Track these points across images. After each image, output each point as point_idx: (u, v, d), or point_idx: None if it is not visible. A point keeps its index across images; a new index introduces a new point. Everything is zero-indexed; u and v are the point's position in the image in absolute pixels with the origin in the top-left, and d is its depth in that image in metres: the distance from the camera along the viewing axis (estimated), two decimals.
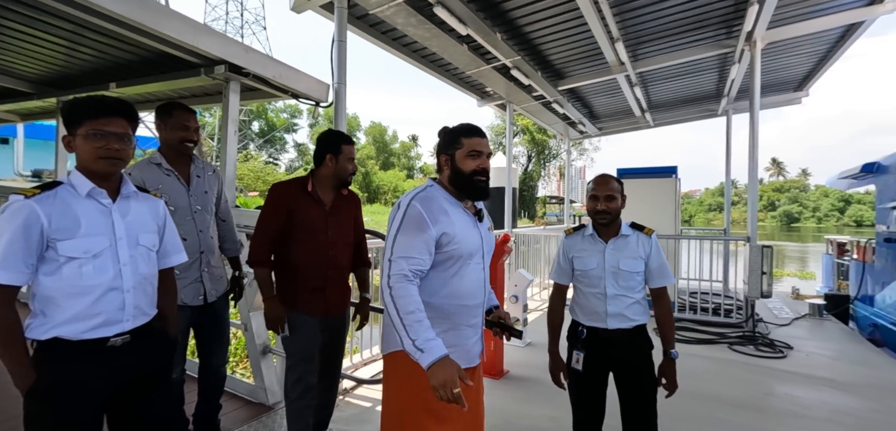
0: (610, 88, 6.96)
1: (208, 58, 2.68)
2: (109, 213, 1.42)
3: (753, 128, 5.07)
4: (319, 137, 2.17)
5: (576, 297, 2.13)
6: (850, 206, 78.81)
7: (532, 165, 39.75)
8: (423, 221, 1.46)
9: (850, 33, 5.23)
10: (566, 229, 2.22)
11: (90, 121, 1.37)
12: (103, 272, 1.37)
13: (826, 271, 8.23)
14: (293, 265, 2.09)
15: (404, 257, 1.43)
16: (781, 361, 4.25)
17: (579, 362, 2.04)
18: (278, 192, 2.09)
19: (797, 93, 7.49)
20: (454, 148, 1.57)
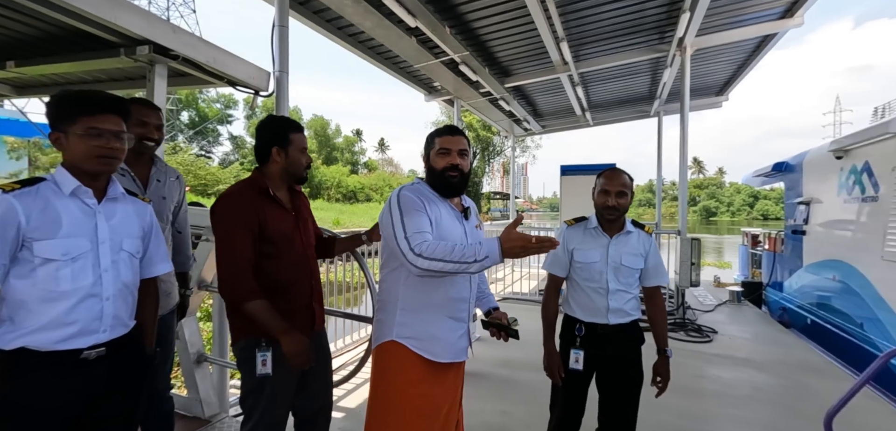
0: (554, 87, 7.17)
1: (129, 37, 2.38)
2: (94, 214, 1.33)
3: (684, 128, 5.43)
4: (259, 128, 1.79)
5: (571, 293, 2.07)
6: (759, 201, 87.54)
7: (476, 161, 40.35)
8: (417, 202, 1.54)
9: (765, 44, 5.75)
10: (567, 221, 2.16)
11: (86, 118, 1.29)
12: (82, 276, 1.28)
13: (742, 260, 9.05)
14: (276, 288, 1.70)
15: (417, 231, 1.46)
16: (708, 345, 4.60)
17: (579, 361, 1.98)
18: (243, 203, 1.66)
19: (718, 97, 8.15)
20: (430, 149, 1.67)
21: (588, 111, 8.37)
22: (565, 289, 2.12)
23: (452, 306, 1.61)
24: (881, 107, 5.72)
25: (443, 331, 1.59)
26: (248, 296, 1.59)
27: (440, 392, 1.61)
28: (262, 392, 1.68)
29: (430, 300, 1.57)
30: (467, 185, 1.68)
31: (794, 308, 6.12)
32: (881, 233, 4.08)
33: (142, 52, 2.47)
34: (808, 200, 5.78)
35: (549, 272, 2.11)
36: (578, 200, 6.46)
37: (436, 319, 1.58)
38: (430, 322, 1.57)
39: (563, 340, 2.08)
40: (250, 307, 1.59)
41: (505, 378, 3.69)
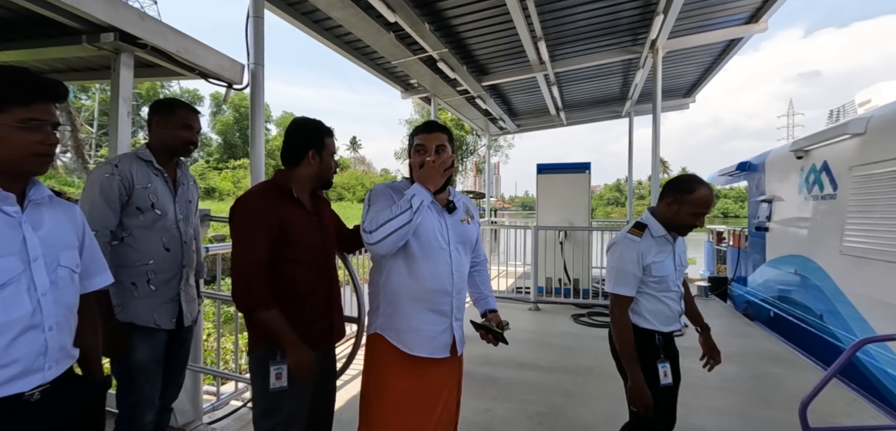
0: (530, 87, 7.24)
1: (92, 22, 2.23)
2: (19, 225, 1.06)
3: (656, 127, 5.58)
4: (293, 130, 1.72)
5: (645, 305, 1.92)
6: (719, 200, 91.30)
7: None
8: (387, 194, 1.60)
9: (731, 48, 5.98)
10: (633, 232, 1.96)
11: (21, 107, 1.05)
12: (18, 305, 1.03)
13: (707, 256, 9.40)
14: (295, 295, 1.63)
15: (379, 214, 1.52)
16: (680, 339, 4.72)
17: (668, 375, 1.86)
18: (264, 206, 1.58)
19: (686, 99, 8.44)
20: (410, 145, 1.68)
21: (562, 111, 8.50)
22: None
23: (431, 298, 1.59)
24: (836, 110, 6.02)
25: (421, 323, 1.58)
26: (260, 304, 1.51)
27: (422, 387, 1.59)
28: (276, 412, 1.58)
29: (409, 292, 1.58)
30: (449, 180, 1.64)
31: (757, 302, 6.40)
32: (839, 229, 4.31)
33: (106, 40, 2.31)
34: (770, 198, 6.06)
35: (622, 293, 1.89)
36: (554, 199, 6.56)
37: (414, 311, 1.58)
38: (409, 315, 1.58)
39: (642, 354, 1.88)
40: (262, 315, 1.52)
41: (486, 376, 3.69)
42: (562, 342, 4.61)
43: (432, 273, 1.58)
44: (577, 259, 6.28)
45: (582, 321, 5.28)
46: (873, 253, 3.71)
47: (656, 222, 1.93)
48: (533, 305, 5.94)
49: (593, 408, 3.16)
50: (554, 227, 6.30)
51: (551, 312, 5.81)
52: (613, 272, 1.92)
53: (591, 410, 3.13)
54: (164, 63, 2.62)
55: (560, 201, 6.53)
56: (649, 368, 1.84)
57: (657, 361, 1.85)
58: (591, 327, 5.12)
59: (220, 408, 2.99)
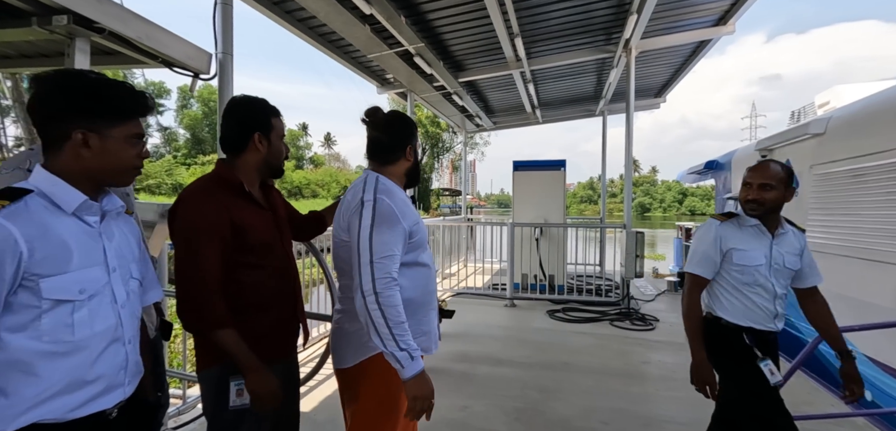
0: (506, 84, 7.26)
1: (43, 3, 2.08)
2: (99, 236, 1.03)
3: (629, 126, 5.68)
4: (232, 110, 1.50)
5: (723, 296, 1.86)
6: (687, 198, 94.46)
7: (426, 157, 40.30)
8: (394, 216, 1.41)
9: (700, 49, 6.14)
10: (717, 216, 1.92)
11: (134, 122, 1.07)
12: (104, 316, 1.01)
13: (677, 252, 9.67)
14: (259, 304, 1.46)
15: (387, 256, 1.36)
16: (652, 332, 4.85)
17: (775, 372, 1.74)
18: (211, 207, 1.37)
19: (657, 99, 8.64)
20: (414, 140, 1.60)
21: (538, 109, 8.57)
22: (711, 291, 1.93)
23: (433, 297, 1.60)
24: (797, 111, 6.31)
25: (428, 325, 1.57)
26: (217, 324, 1.32)
27: None
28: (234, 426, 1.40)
29: (421, 296, 1.52)
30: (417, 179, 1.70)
31: None
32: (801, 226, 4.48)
33: (59, 23, 2.16)
34: (736, 195, 6.26)
35: (695, 272, 1.88)
36: (530, 196, 6.60)
37: (426, 314, 1.56)
38: (422, 320, 1.53)
39: (730, 352, 1.83)
40: (217, 337, 1.33)
41: (462, 373, 3.67)
42: (538, 338, 4.64)
43: (431, 274, 1.58)
44: (553, 256, 6.35)
45: (557, 316, 5.34)
46: (832, 249, 3.88)
47: (746, 214, 1.85)
48: (509, 301, 5.97)
49: (570, 402, 3.19)
50: (530, 223, 6.35)
51: (527, 308, 5.85)
52: (690, 251, 1.92)
53: (569, 404, 3.16)
54: (124, 50, 2.47)
55: (536, 199, 6.58)
56: (748, 366, 1.76)
57: (758, 361, 1.74)
58: (567, 322, 5.19)
59: (187, 412, 2.87)
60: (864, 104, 3.82)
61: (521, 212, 6.62)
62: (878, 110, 3.55)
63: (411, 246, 1.47)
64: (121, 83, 1.05)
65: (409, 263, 1.48)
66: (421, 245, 1.52)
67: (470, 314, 5.48)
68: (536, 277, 6.40)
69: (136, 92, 1.06)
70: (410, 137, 1.58)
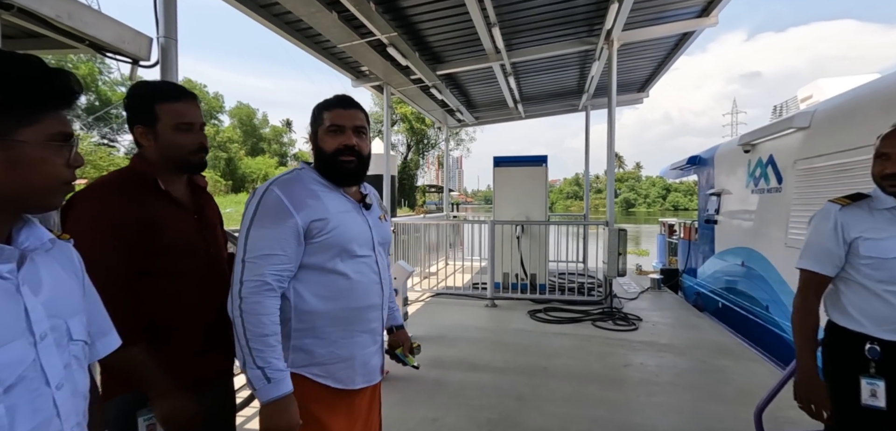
0: (487, 77, 7.06)
1: None
2: (16, 292, 0.68)
3: (611, 121, 5.53)
4: (125, 102, 1.32)
5: (850, 297, 1.51)
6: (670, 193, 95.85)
7: (411, 154, 39.98)
8: (282, 208, 1.19)
9: (683, 42, 6.02)
10: (838, 200, 1.56)
11: (52, 116, 0.73)
12: (33, 411, 0.67)
13: (660, 249, 9.62)
14: (175, 320, 1.26)
15: (263, 256, 1.17)
16: (635, 332, 4.71)
17: (879, 396, 1.41)
18: (117, 203, 1.18)
19: (640, 94, 8.54)
20: (317, 125, 1.34)
21: (520, 103, 8.39)
22: (833, 290, 1.60)
23: (362, 317, 1.31)
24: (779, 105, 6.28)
25: (353, 349, 1.30)
26: (124, 337, 1.06)
27: (357, 422, 1.35)
28: None
29: (334, 313, 1.26)
30: (367, 170, 1.37)
31: (706, 293, 6.54)
32: (784, 222, 4.39)
33: None
34: (719, 191, 6.18)
35: (809, 269, 1.55)
36: (511, 193, 6.42)
37: (343, 335, 1.28)
38: (337, 342, 1.27)
39: (838, 362, 1.53)
40: (129, 353, 1.09)
41: (435, 381, 3.46)
42: (517, 340, 4.46)
43: (360, 286, 1.29)
44: (535, 254, 6.18)
45: (538, 317, 5.17)
46: None
47: (882, 193, 1.48)
48: (490, 301, 5.79)
49: (547, 412, 3.01)
50: (511, 221, 6.17)
51: (508, 308, 5.67)
52: (805, 243, 1.58)
53: (545, 414, 2.97)
54: (42, 31, 2.19)
55: (517, 195, 6.40)
56: (848, 379, 1.46)
57: (861, 374, 1.43)
58: (548, 323, 5.02)
59: None
60: (851, 97, 3.71)
61: (502, 209, 6.44)
62: (865, 102, 3.44)
63: (318, 247, 1.22)
64: (23, 59, 0.70)
65: (317, 267, 1.23)
66: (337, 248, 1.25)
67: (448, 316, 5.28)
68: (518, 276, 6.23)
69: (49, 71, 0.72)
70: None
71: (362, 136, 1.33)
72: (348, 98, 1.35)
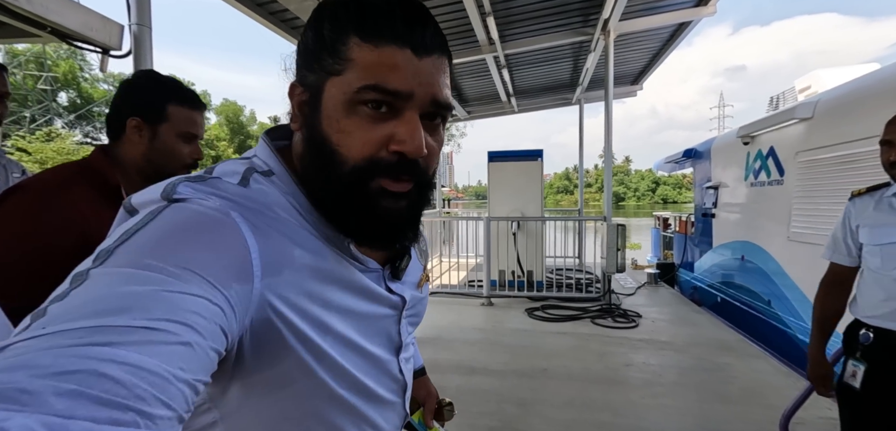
0: (479, 70, 6.90)
1: None
2: None
3: (608, 114, 5.40)
4: (121, 86, 1.13)
5: (860, 285, 1.54)
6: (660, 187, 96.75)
7: None
8: (234, 247, 0.45)
9: (679, 33, 5.91)
10: (855, 191, 1.58)
11: None
12: None
13: (654, 243, 9.57)
14: None
15: (111, 326, 0.33)
16: (635, 330, 4.61)
17: (856, 377, 1.47)
18: (60, 202, 0.95)
19: (633, 86, 8.43)
20: (326, 67, 0.49)
21: (513, 97, 8.25)
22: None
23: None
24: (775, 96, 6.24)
25: None
26: None
27: None
28: None
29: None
30: (427, 206, 0.61)
31: (704, 287, 6.48)
32: (786, 215, 4.31)
33: None
34: (716, 184, 6.11)
35: (826, 256, 1.63)
36: (506, 188, 6.29)
37: None
38: None
39: (844, 346, 1.59)
40: None
41: None
42: (515, 341, 4.33)
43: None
44: (531, 250, 6.05)
45: (536, 315, 5.05)
46: (820, 239, 3.69)
47: (894, 182, 1.46)
48: (486, 300, 5.66)
49: (550, 418, 2.88)
50: (506, 217, 6.03)
51: (505, 307, 5.54)
52: (830, 237, 1.65)
53: (547, 420, 2.85)
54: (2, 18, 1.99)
55: (512, 191, 6.27)
56: (841, 360, 1.57)
57: (849, 357, 1.50)
58: (546, 321, 4.90)
59: None
60: (857, 86, 3.62)
61: (498, 205, 6.30)
62: (872, 92, 3.34)
63: (276, 381, 0.51)
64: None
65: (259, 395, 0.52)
66: (324, 395, 0.54)
67: (443, 316, 5.14)
68: (514, 273, 6.10)
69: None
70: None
71: (439, 125, 0.55)
72: (422, 11, 0.50)
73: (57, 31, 2.11)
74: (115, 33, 2.33)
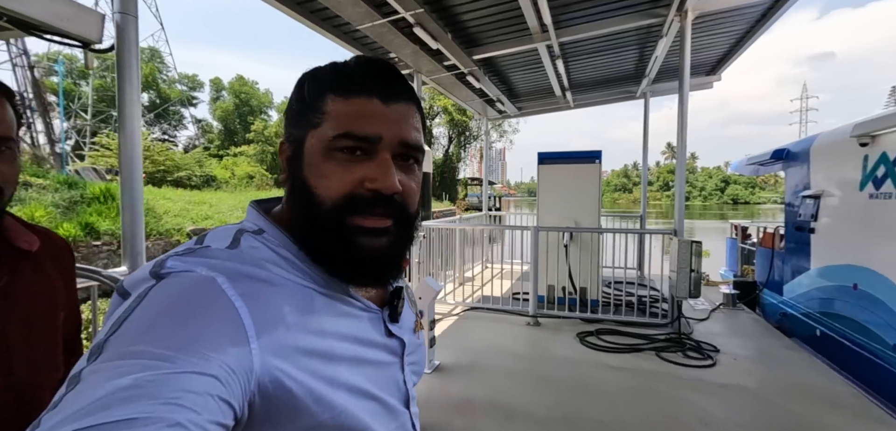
0: (530, 62, 6.26)
1: None
2: None
3: (683, 108, 4.60)
4: None
5: None
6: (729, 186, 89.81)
7: (452, 146, 39.44)
8: (224, 316, 0.46)
9: (772, 13, 4.95)
10: None
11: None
12: None
13: (729, 255, 8.43)
14: None
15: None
16: (711, 369, 3.83)
17: None
18: None
19: (710, 77, 7.39)
20: (306, 121, 0.58)
21: (568, 91, 7.50)
22: None
23: None
24: None
25: None
26: None
27: None
28: None
29: None
30: (409, 246, 0.63)
31: (798, 316, 5.45)
32: None
33: None
34: (818, 193, 5.07)
35: None
36: (558, 194, 5.64)
37: None
38: None
39: None
40: None
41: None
42: (564, 373, 3.72)
43: None
44: (585, 264, 5.34)
45: (589, 342, 4.39)
46: None
47: None
48: (531, 319, 5.05)
49: None
50: (556, 227, 5.37)
51: (553, 328, 4.91)
52: None
53: None
54: None
55: (565, 196, 5.59)
56: None
57: None
58: (601, 350, 4.22)
59: None
60: None
61: (548, 213, 5.65)
62: None
63: None
64: None
65: None
66: None
67: (481, 337, 4.61)
68: (565, 289, 5.44)
69: None
70: (298, 113, 0.62)
71: (413, 166, 0.61)
72: (389, 68, 0.59)
73: (15, 20, 1.81)
74: (94, 24, 2.02)
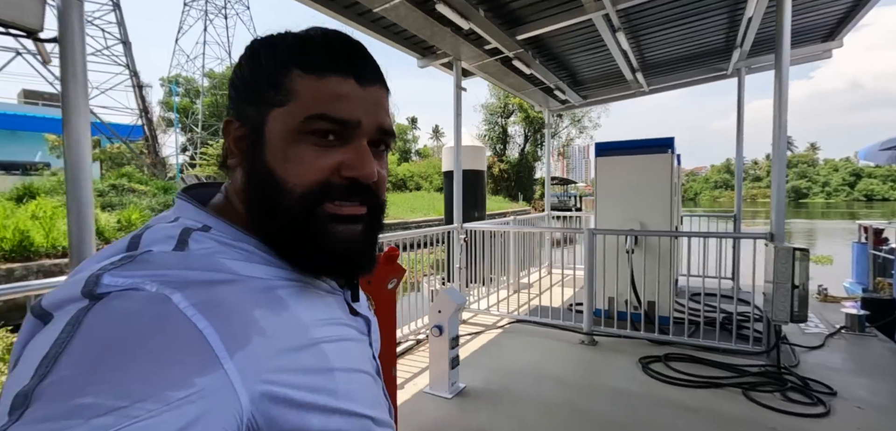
0: (589, 41, 5.47)
1: None
2: None
3: (781, 85, 3.59)
4: None
5: None
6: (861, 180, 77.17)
7: (528, 145, 38.24)
8: (187, 343, 0.39)
9: None
10: None
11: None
12: None
13: (856, 263, 6.80)
14: None
15: None
16: (823, 421, 2.86)
17: None
18: None
19: (827, 43, 5.94)
20: (266, 99, 0.51)
21: (639, 73, 6.51)
22: None
23: None
24: None
25: None
26: None
27: None
28: None
29: None
30: (381, 231, 0.60)
31: None
32: None
33: None
34: None
35: None
36: (620, 191, 4.84)
37: None
38: None
39: None
40: None
41: None
42: (620, 414, 3.00)
43: None
44: (654, 273, 4.46)
45: (653, 370, 3.58)
46: None
47: None
48: (586, 337, 4.32)
49: None
50: (615, 231, 4.56)
51: (611, 349, 4.14)
52: None
53: None
54: None
55: (629, 193, 4.77)
56: None
57: None
58: (669, 383, 3.40)
59: None
60: None
61: (606, 213, 4.86)
62: None
63: None
64: None
65: None
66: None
67: (521, 355, 4.00)
68: (628, 302, 4.61)
69: None
70: (254, 89, 0.53)
71: (384, 153, 0.58)
72: (360, 46, 0.54)
73: None
74: (32, 10, 1.84)
